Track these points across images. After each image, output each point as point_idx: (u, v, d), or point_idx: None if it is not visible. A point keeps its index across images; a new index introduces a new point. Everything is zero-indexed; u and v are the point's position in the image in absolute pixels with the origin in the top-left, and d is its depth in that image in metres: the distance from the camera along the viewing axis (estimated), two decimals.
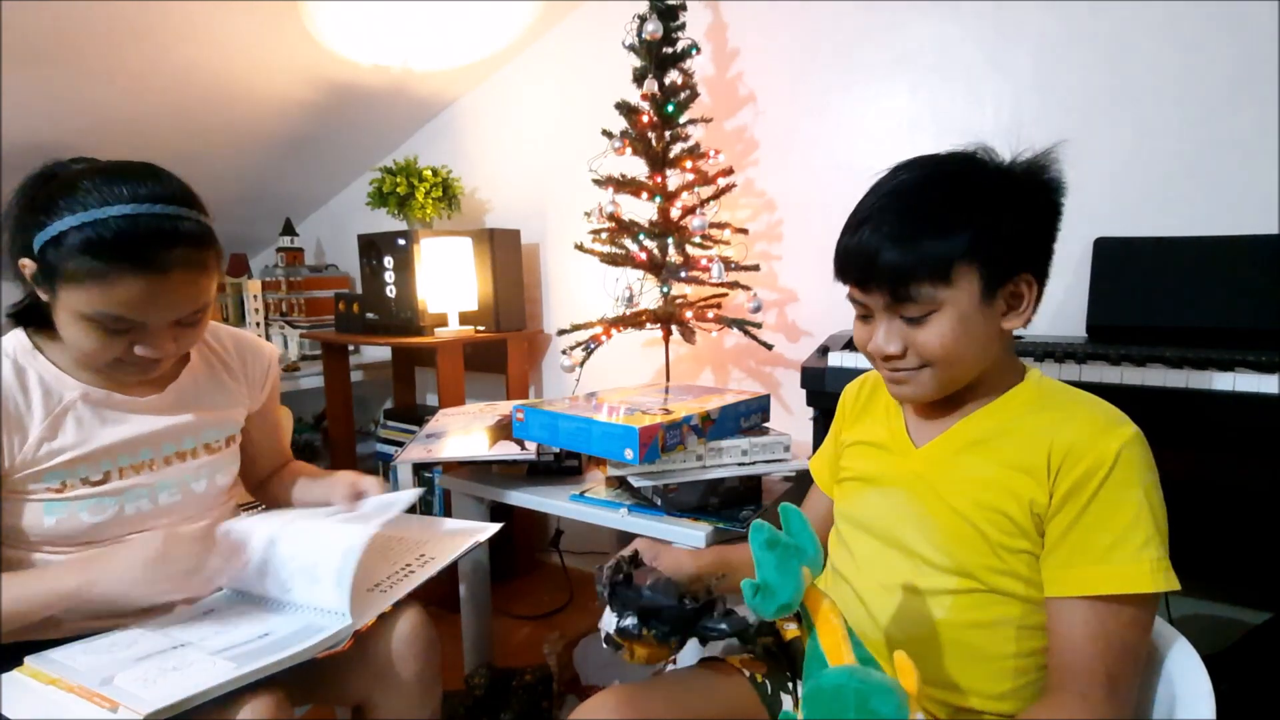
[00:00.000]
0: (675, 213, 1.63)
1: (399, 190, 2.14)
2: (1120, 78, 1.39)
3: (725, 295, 1.70)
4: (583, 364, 1.68)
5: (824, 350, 1.31)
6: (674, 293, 1.67)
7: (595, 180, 1.64)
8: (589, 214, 1.67)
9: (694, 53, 1.61)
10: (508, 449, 1.37)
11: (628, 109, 1.61)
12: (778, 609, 0.63)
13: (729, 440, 1.24)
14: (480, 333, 2.10)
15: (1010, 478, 0.71)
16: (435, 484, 2.01)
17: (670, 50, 1.59)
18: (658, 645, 0.76)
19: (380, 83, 2.09)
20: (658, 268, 1.64)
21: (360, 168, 2.55)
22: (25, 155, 0.95)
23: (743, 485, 1.27)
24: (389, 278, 2.08)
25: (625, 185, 1.63)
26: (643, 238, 1.63)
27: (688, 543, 1.16)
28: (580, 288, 2.18)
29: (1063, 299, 1.40)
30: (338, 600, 0.84)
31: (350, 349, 2.51)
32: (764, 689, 0.85)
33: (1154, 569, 0.64)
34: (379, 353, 2.67)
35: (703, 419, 1.21)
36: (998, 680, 0.72)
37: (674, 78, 1.61)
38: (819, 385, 1.24)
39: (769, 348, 1.66)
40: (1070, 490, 0.67)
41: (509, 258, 2.13)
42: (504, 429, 1.47)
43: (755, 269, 1.67)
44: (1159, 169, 1.37)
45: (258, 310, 2.50)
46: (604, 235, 1.69)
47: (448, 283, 2.00)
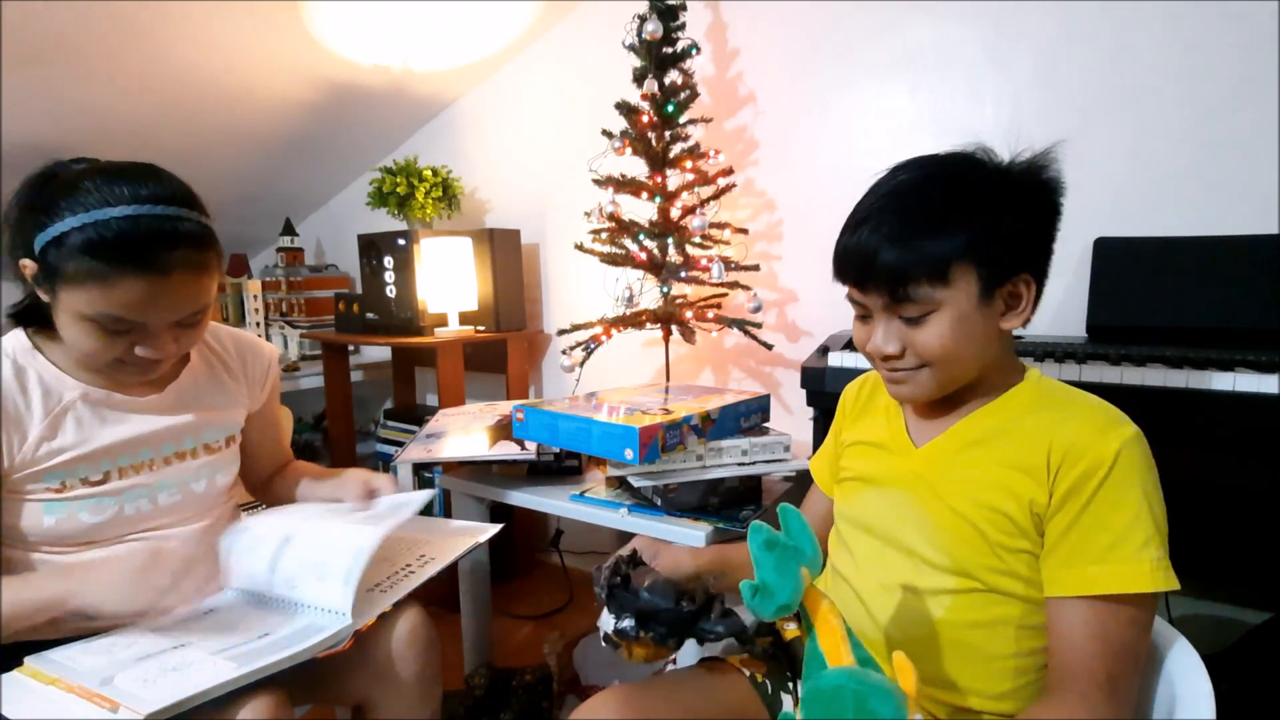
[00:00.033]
0: (675, 213, 1.63)
1: (399, 190, 2.14)
2: (1120, 78, 1.39)
3: (725, 295, 1.70)
4: (583, 364, 1.68)
5: (824, 350, 1.31)
6: (674, 293, 1.67)
7: (595, 180, 1.64)
8: (589, 214, 1.67)
9: (694, 53, 1.61)
10: (508, 449, 1.37)
11: (628, 109, 1.61)
12: (776, 610, 0.63)
13: (729, 440, 1.24)
14: (480, 333, 2.10)
15: (1010, 477, 0.71)
16: (435, 484, 2.00)
17: (670, 50, 1.59)
18: (655, 646, 0.76)
19: (380, 83, 2.09)
20: (658, 268, 1.64)
21: (360, 168, 2.55)
22: (25, 155, 0.95)
23: (743, 485, 1.27)
24: (389, 278, 2.08)
25: (625, 185, 1.63)
26: (643, 238, 1.63)
27: (688, 543, 1.16)
28: (580, 288, 2.18)
29: (1063, 299, 1.41)
30: (343, 599, 0.84)
31: (350, 349, 2.51)
32: (764, 689, 0.85)
33: (1154, 568, 0.64)
34: (379, 353, 2.67)
35: (703, 419, 1.21)
36: (997, 680, 0.72)
37: (674, 78, 1.61)
38: (819, 385, 1.24)
39: (769, 348, 1.66)
40: (1070, 490, 0.67)
41: (509, 258, 2.13)
42: (504, 429, 1.47)
43: (755, 269, 1.67)
44: (1159, 169, 1.37)
45: (258, 310, 2.50)
46: (604, 235, 1.69)
47: (448, 283, 2.00)
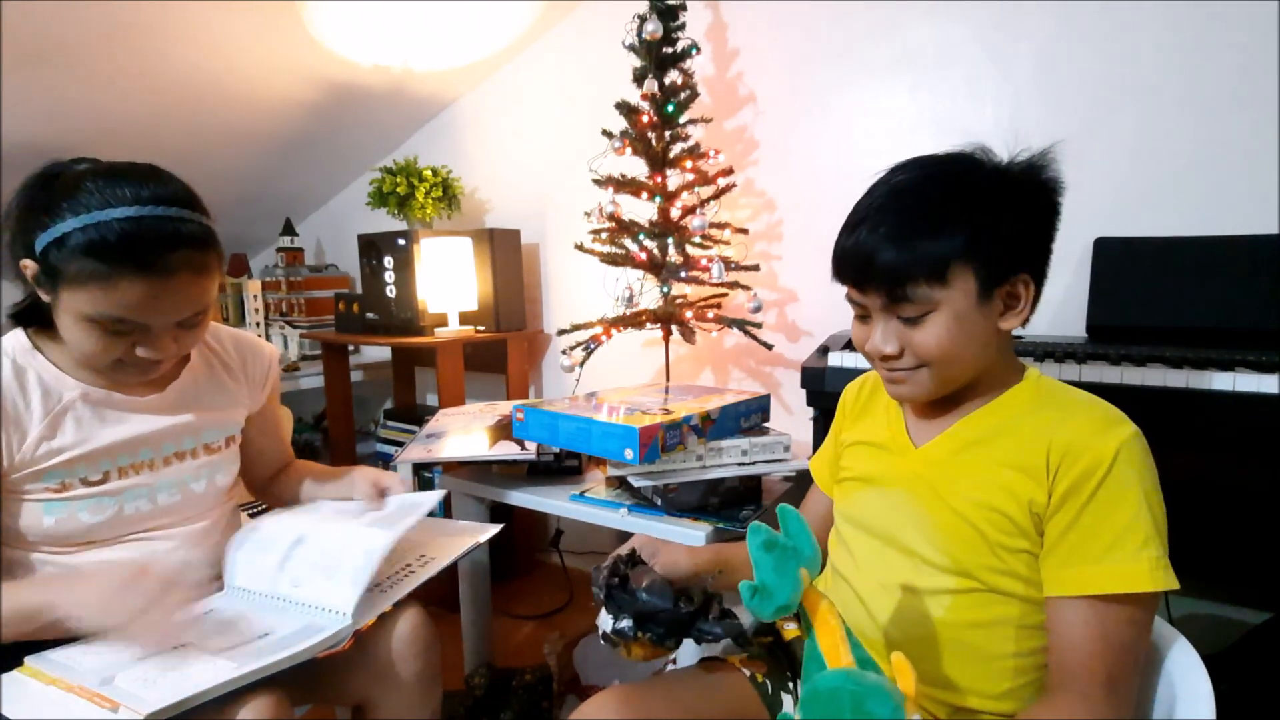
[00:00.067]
0: (675, 213, 1.63)
1: (399, 190, 2.14)
2: (1120, 78, 1.38)
3: (725, 295, 1.70)
4: (583, 364, 1.68)
5: (824, 350, 1.31)
6: (674, 293, 1.67)
7: (595, 180, 1.64)
8: (589, 214, 1.67)
9: (694, 53, 1.61)
10: (508, 449, 1.37)
11: (628, 109, 1.61)
12: (775, 610, 0.63)
13: (729, 440, 1.24)
14: (480, 333, 2.10)
15: (1009, 477, 0.71)
16: (435, 484, 2.00)
17: (670, 50, 1.59)
18: (654, 646, 0.76)
19: (380, 83, 2.09)
20: (658, 268, 1.64)
21: (360, 168, 2.55)
22: (25, 155, 0.95)
23: (743, 485, 1.27)
24: (389, 278, 2.08)
25: (625, 185, 1.63)
26: (643, 238, 1.63)
27: (687, 543, 1.15)
28: (580, 288, 2.18)
29: (1063, 299, 1.40)
30: (349, 599, 0.84)
31: (350, 349, 2.51)
32: (764, 688, 0.85)
33: (1153, 568, 0.64)
34: (379, 353, 2.67)
35: (703, 419, 1.21)
36: (997, 680, 0.72)
37: (674, 78, 1.61)
38: (819, 385, 1.24)
39: (769, 348, 1.66)
40: (1069, 489, 0.67)
41: (509, 258, 2.13)
42: (504, 429, 1.47)
43: (755, 269, 1.67)
44: (1159, 169, 1.37)
45: (258, 310, 2.50)
46: (604, 235, 1.68)
47: (448, 283, 2.00)
